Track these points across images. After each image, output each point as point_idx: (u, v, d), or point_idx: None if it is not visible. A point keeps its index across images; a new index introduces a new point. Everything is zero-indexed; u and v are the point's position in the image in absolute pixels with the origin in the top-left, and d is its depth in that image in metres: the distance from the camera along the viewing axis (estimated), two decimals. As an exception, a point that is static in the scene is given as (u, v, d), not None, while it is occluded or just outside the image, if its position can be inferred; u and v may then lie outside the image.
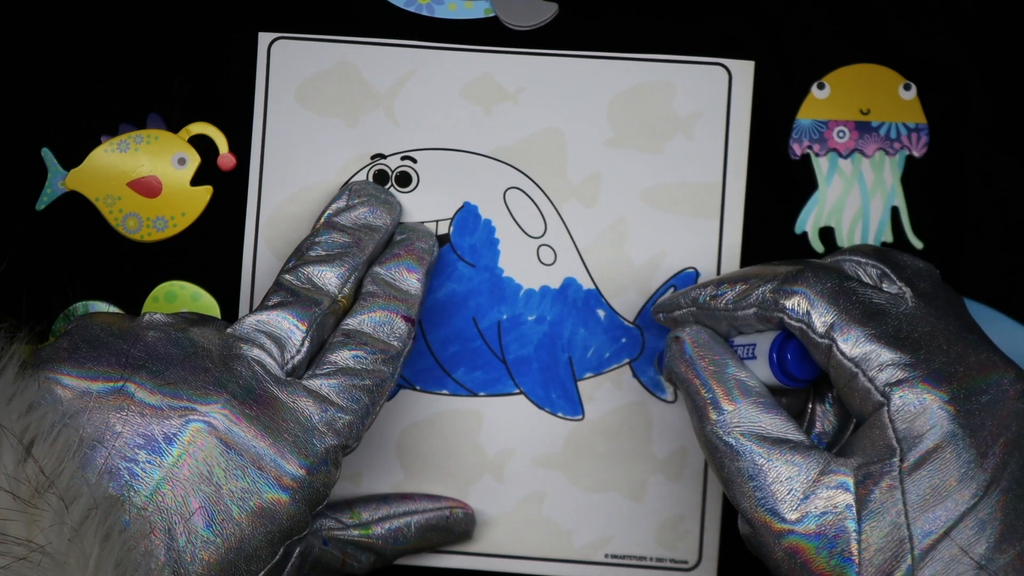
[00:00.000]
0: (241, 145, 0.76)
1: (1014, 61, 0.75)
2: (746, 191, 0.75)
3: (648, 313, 0.76)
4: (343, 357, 0.67)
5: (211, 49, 0.76)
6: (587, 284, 0.76)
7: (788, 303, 0.65)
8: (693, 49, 0.75)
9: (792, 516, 0.63)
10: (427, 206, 0.76)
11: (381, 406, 0.68)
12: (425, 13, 0.76)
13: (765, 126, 0.75)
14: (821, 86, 0.76)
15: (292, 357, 0.67)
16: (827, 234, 0.76)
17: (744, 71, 0.75)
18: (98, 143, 0.76)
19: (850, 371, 0.64)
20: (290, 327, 0.67)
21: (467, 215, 0.76)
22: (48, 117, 0.76)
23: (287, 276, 0.69)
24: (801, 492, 0.63)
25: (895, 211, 0.76)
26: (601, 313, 0.76)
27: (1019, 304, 0.75)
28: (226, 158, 0.76)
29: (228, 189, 0.76)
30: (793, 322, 0.65)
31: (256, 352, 0.66)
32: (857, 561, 0.62)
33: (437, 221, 0.76)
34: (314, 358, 0.68)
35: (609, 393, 0.76)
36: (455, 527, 0.75)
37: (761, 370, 0.67)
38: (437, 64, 0.76)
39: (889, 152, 0.75)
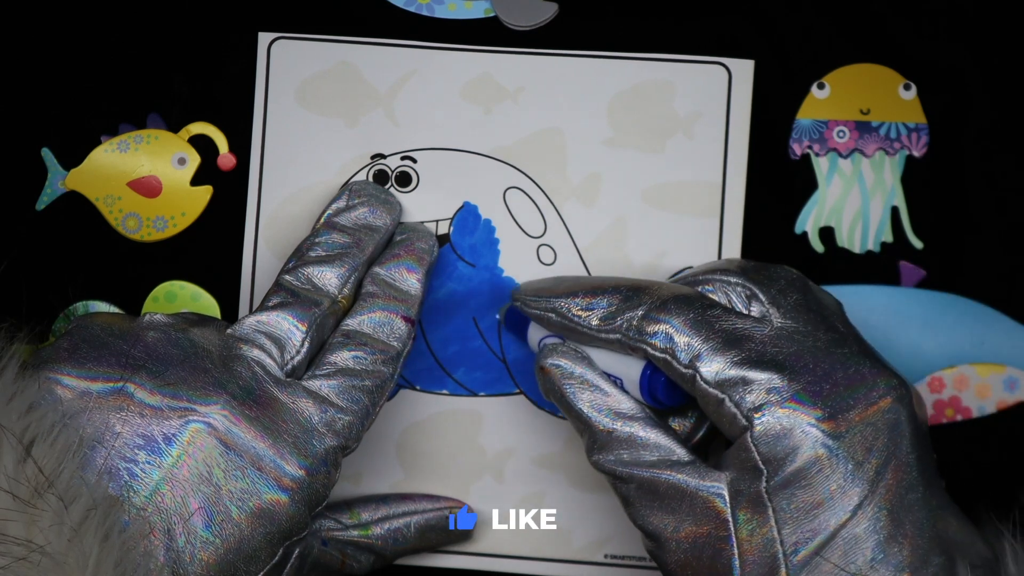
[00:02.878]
0: (241, 145, 0.76)
1: (1014, 61, 0.75)
2: (746, 191, 0.75)
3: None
4: (343, 358, 0.67)
5: (211, 49, 0.76)
6: (587, 284, 0.76)
7: (652, 337, 0.66)
8: (693, 49, 0.75)
9: (677, 532, 0.65)
10: (427, 206, 0.76)
11: (381, 407, 0.68)
12: (425, 13, 0.76)
13: (765, 126, 0.75)
14: (821, 86, 0.75)
15: (292, 358, 0.67)
16: (827, 234, 0.76)
17: (744, 70, 0.75)
18: (98, 143, 0.76)
19: (716, 398, 0.64)
20: (290, 328, 0.67)
21: (467, 215, 0.76)
22: (48, 117, 0.76)
23: (287, 277, 0.69)
24: (684, 507, 0.65)
25: (895, 211, 0.75)
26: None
27: (1019, 304, 0.75)
28: (226, 158, 0.76)
29: (228, 189, 0.76)
30: (657, 353, 0.66)
31: (256, 353, 0.66)
32: (739, 572, 0.63)
33: (437, 221, 0.76)
34: (314, 358, 0.68)
35: (609, 393, 0.76)
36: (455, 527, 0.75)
37: (630, 392, 0.68)
38: (437, 64, 0.76)
39: (889, 152, 0.75)
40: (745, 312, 0.67)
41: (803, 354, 0.65)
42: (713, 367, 0.64)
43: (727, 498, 0.64)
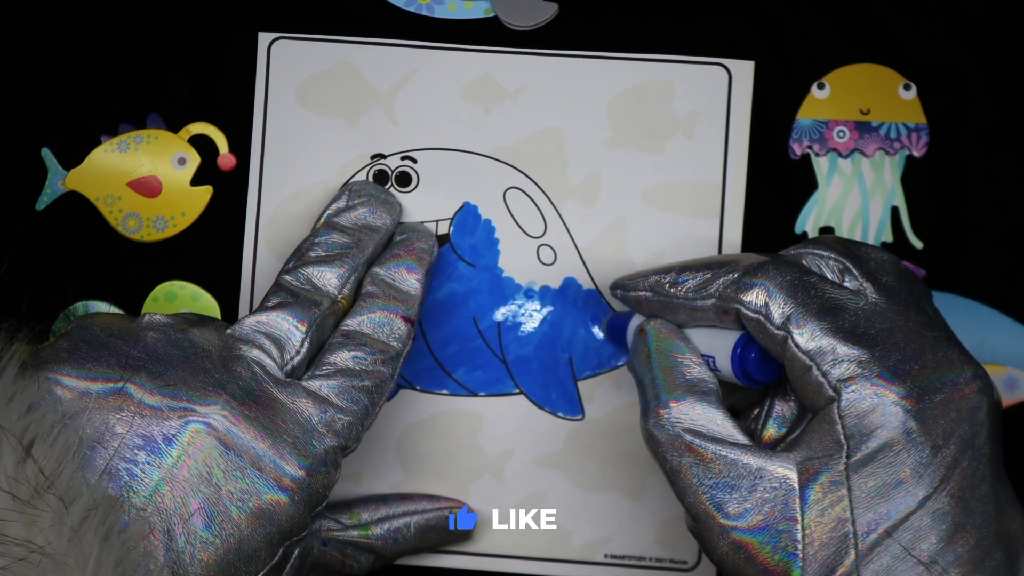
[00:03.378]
0: (241, 145, 0.76)
1: (1014, 61, 0.75)
2: (746, 191, 0.75)
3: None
4: (343, 358, 0.67)
5: (211, 49, 0.76)
6: (587, 284, 0.76)
7: (746, 296, 0.65)
8: (693, 49, 0.75)
9: (736, 511, 0.64)
10: (427, 206, 0.76)
11: (381, 407, 0.68)
12: (425, 13, 0.76)
13: (765, 126, 0.75)
14: (821, 86, 0.76)
15: (292, 358, 0.66)
16: (827, 234, 0.75)
17: (744, 71, 0.75)
18: (98, 143, 0.76)
19: (804, 364, 0.63)
20: (289, 328, 0.67)
21: (467, 215, 0.76)
22: (48, 117, 0.76)
23: (287, 277, 0.69)
24: (745, 487, 0.64)
25: (895, 211, 0.75)
26: (601, 313, 0.76)
27: (1019, 304, 0.75)
28: (226, 158, 0.76)
29: (228, 189, 0.76)
30: (750, 313, 0.65)
31: (255, 353, 0.66)
32: (801, 556, 0.62)
33: (437, 221, 0.76)
34: (314, 359, 0.68)
35: (609, 393, 0.76)
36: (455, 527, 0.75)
37: (722, 371, 0.67)
38: (437, 64, 0.76)
39: (889, 152, 0.75)
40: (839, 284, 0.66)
41: (894, 332, 0.64)
42: (806, 333, 0.63)
43: (796, 478, 0.63)
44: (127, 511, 0.61)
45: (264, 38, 0.76)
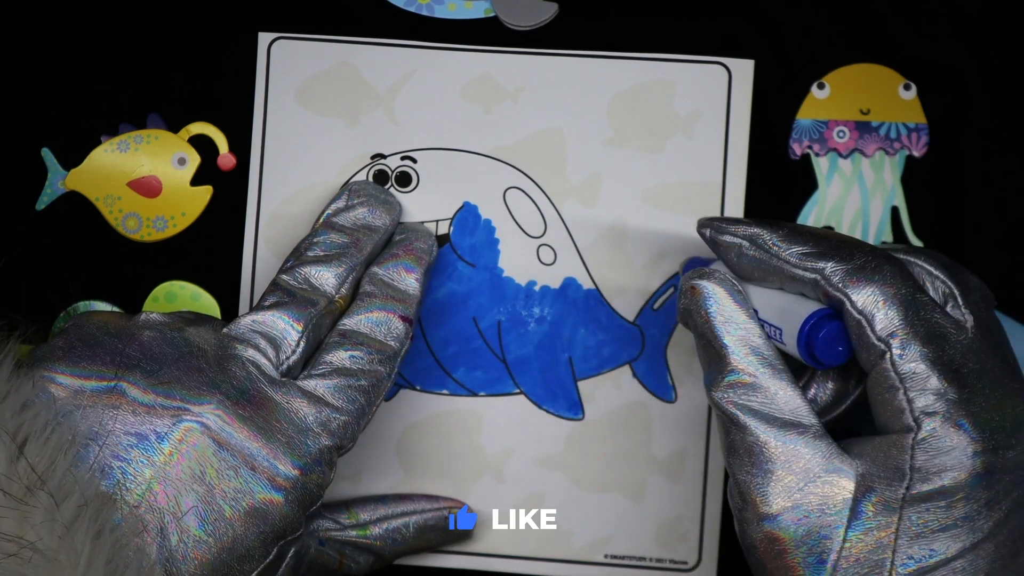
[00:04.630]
0: (241, 145, 0.76)
1: (1014, 61, 0.75)
2: (746, 191, 0.75)
3: (648, 312, 0.76)
4: (339, 357, 0.67)
5: (211, 49, 0.76)
6: (587, 284, 0.76)
7: (858, 292, 0.62)
8: (693, 48, 0.75)
9: (782, 503, 0.62)
10: (427, 206, 0.76)
11: (378, 406, 0.68)
12: (425, 13, 0.76)
13: (765, 126, 0.75)
14: (821, 86, 0.75)
15: (287, 357, 0.66)
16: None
17: (744, 70, 0.75)
18: (98, 143, 0.76)
19: (893, 384, 0.62)
20: (285, 327, 0.67)
21: (467, 215, 0.76)
22: (48, 117, 0.76)
23: (284, 276, 0.69)
24: (799, 482, 0.62)
25: (895, 211, 0.75)
26: (601, 313, 0.76)
27: (1019, 304, 0.75)
28: (226, 158, 0.76)
29: (228, 189, 0.76)
30: (855, 312, 0.62)
31: (251, 352, 0.66)
32: (831, 567, 0.61)
33: (437, 221, 0.76)
34: (310, 358, 0.68)
35: (609, 393, 0.76)
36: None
37: (786, 345, 0.65)
38: (437, 64, 0.76)
39: (889, 152, 0.75)
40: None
41: (984, 375, 0.62)
42: (907, 353, 0.61)
43: (852, 488, 0.61)
44: (120, 508, 0.61)
45: (264, 38, 0.76)
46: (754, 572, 0.64)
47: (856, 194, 0.75)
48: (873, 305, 0.62)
